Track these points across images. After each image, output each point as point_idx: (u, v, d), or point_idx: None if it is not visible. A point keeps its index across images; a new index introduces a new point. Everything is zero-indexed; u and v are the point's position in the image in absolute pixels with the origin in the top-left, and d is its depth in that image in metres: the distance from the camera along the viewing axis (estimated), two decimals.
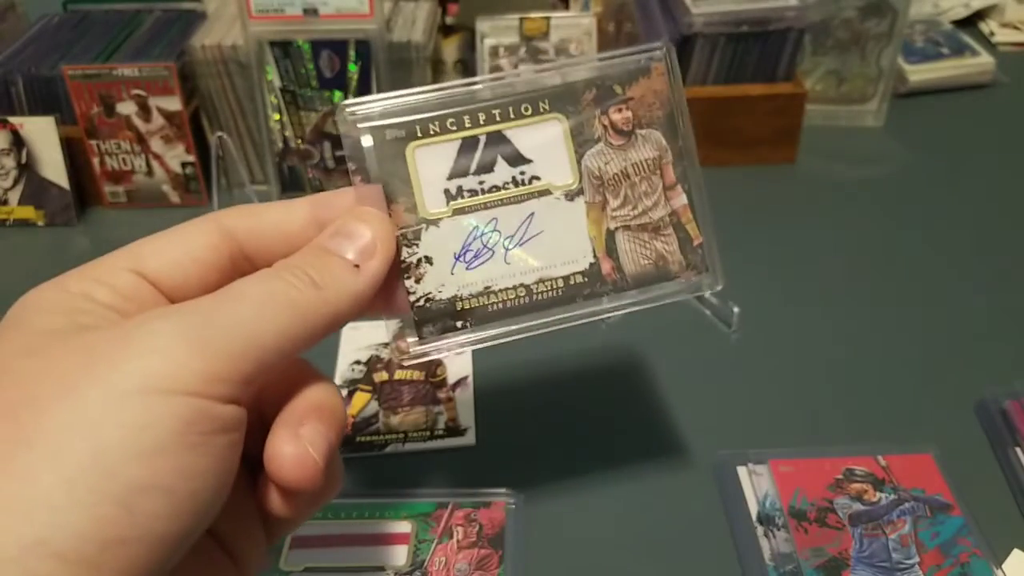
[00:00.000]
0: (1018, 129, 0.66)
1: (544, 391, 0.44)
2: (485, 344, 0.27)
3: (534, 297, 0.28)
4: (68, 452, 0.18)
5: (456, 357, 0.45)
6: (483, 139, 0.27)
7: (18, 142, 0.57)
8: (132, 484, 0.18)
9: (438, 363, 0.45)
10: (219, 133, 0.59)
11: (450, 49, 0.69)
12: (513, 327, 0.28)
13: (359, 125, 0.26)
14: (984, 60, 0.70)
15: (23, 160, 0.57)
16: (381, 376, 0.44)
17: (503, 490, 0.37)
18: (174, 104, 0.57)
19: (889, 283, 0.50)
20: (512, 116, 0.27)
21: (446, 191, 0.27)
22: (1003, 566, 0.34)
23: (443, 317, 0.27)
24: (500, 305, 0.28)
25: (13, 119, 0.56)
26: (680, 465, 0.39)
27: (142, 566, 0.19)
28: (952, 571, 0.34)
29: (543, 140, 0.27)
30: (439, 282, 0.27)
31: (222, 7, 0.62)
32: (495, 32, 0.64)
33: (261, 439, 0.23)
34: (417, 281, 0.27)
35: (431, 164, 0.27)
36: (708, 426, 0.41)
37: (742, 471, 0.38)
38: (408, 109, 0.27)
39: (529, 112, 0.27)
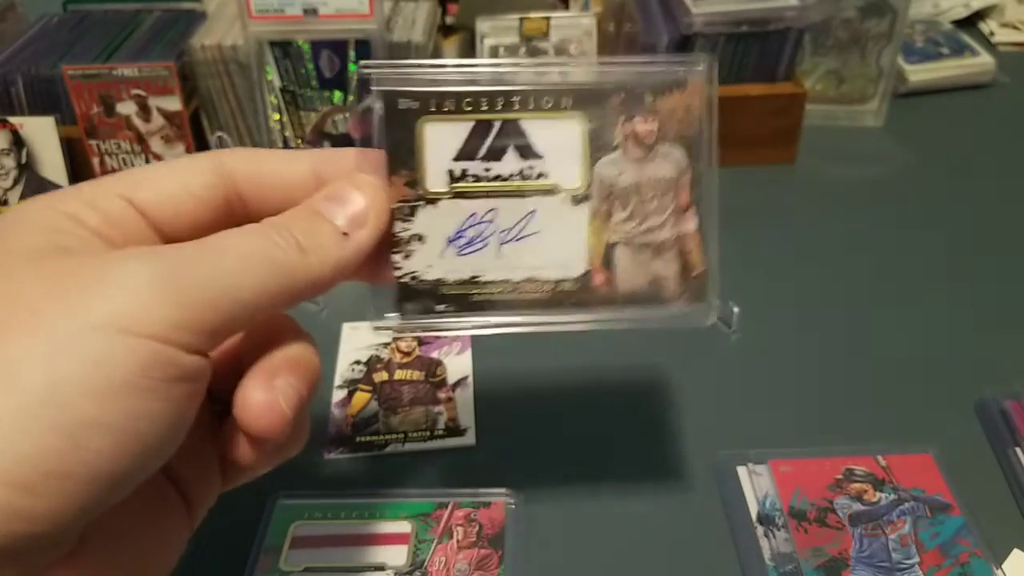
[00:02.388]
0: (1018, 129, 0.66)
1: (544, 391, 0.44)
2: (461, 332, 0.27)
3: (520, 295, 0.27)
4: (24, 379, 0.18)
5: (456, 357, 0.45)
6: (497, 125, 0.26)
7: (18, 142, 0.57)
8: (82, 419, 0.18)
9: (438, 363, 0.45)
10: (219, 133, 0.59)
11: (450, 49, 0.69)
12: (492, 320, 0.27)
13: (373, 88, 0.26)
14: (984, 60, 0.70)
15: (23, 160, 0.57)
16: (381, 376, 0.44)
17: (503, 490, 0.37)
18: (174, 104, 0.57)
19: (889, 283, 0.50)
20: (532, 107, 0.26)
21: (450, 172, 0.26)
22: (1003, 566, 0.34)
23: (425, 298, 0.27)
24: (484, 296, 0.27)
25: (13, 119, 0.56)
26: (680, 465, 0.39)
27: (81, 499, 0.19)
28: (952, 571, 0.34)
29: (559, 138, 0.26)
30: (427, 262, 0.27)
31: (222, 7, 0.62)
32: (495, 32, 0.64)
33: (234, 386, 0.23)
34: (406, 257, 0.27)
35: (440, 141, 0.26)
36: (708, 426, 0.41)
37: (742, 471, 0.38)
38: (426, 81, 0.26)
39: (550, 106, 0.26)
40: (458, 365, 0.45)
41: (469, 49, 0.68)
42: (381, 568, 0.35)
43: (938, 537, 0.35)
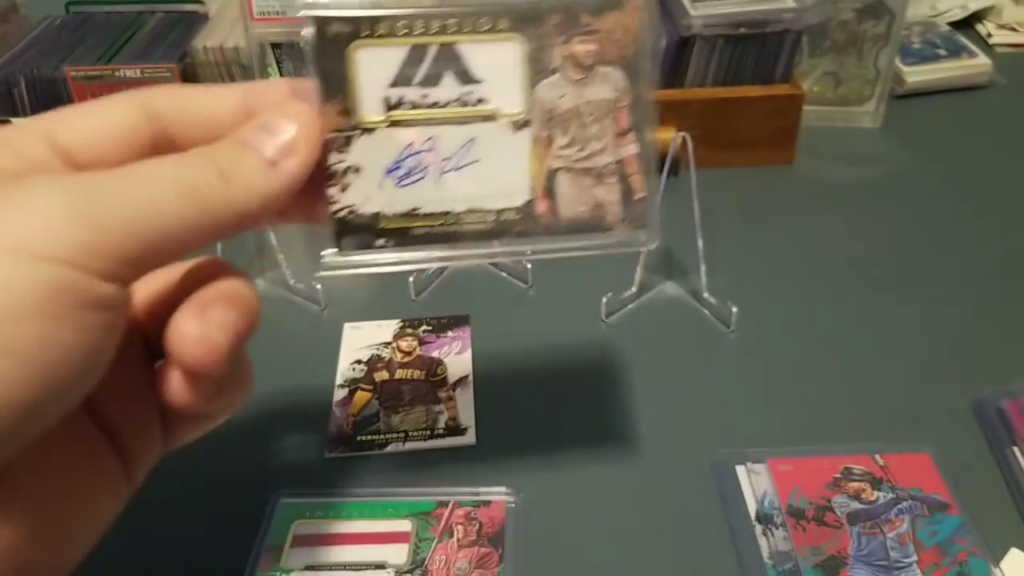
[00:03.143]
0: (1015, 130, 0.66)
1: (544, 390, 0.44)
2: (403, 267, 0.26)
3: (462, 227, 0.26)
4: None
5: (456, 357, 0.45)
6: (433, 49, 0.25)
7: None
8: None
9: (439, 362, 0.45)
10: None
11: None
12: (435, 254, 0.26)
13: (302, 12, 0.25)
14: (981, 61, 0.71)
15: None
16: (382, 375, 0.44)
17: (503, 489, 0.38)
18: None
19: (886, 283, 0.51)
20: (468, 30, 0.25)
21: (386, 99, 0.25)
22: (1001, 564, 0.35)
23: (364, 232, 0.26)
24: (425, 229, 0.26)
25: (15, 120, 0.57)
26: (679, 464, 0.40)
27: None
28: (950, 570, 0.34)
29: (497, 61, 0.25)
30: (365, 195, 0.26)
31: (224, 9, 0.63)
32: None
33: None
34: (342, 190, 0.26)
35: (374, 67, 0.25)
36: (707, 425, 0.41)
37: (741, 470, 0.38)
38: (357, 4, 0.25)
39: (487, 28, 0.25)
40: (459, 364, 0.45)
41: None
42: (382, 566, 0.35)
43: (936, 536, 0.35)
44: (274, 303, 0.49)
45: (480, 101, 0.26)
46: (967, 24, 0.79)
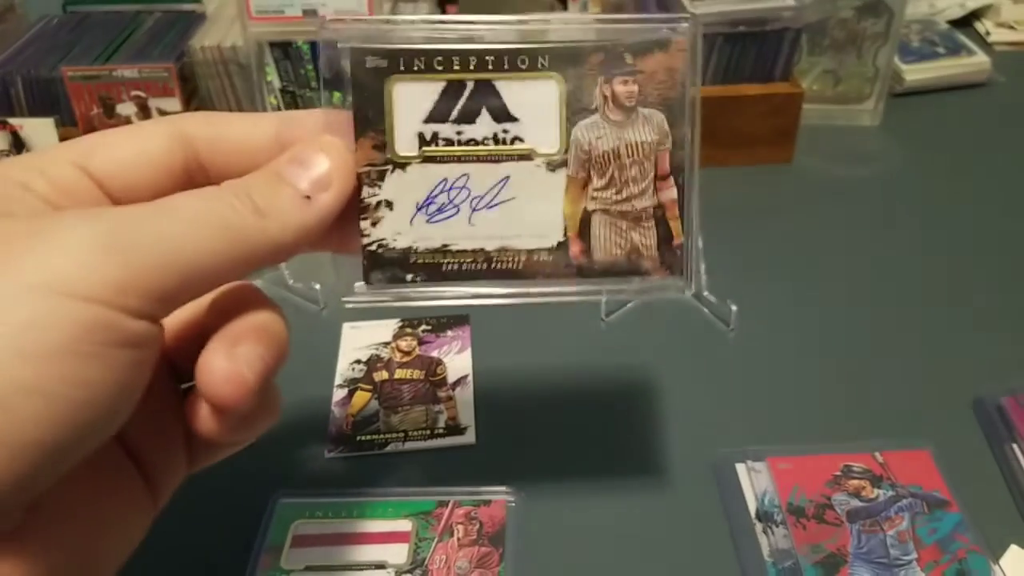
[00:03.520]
0: (1014, 128, 0.66)
1: (544, 390, 0.44)
2: (431, 302, 0.26)
3: (493, 265, 0.26)
4: None
5: (456, 356, 0.45)
6: (470, 86, 0.25)
7: (18, 143, 0.57)
8: (13, 384, 0.17)
9: (438, 362, 0.45)
10: None
11: None
12: (464, 291, 0.26)
13: (340, 45, 0.24)
14: (980, 59, 0.71)
15: None
16: (381, 375, 0.44)
17: (503, 488, 0.38)
18: (174, 105, 0.57)
19: (886, 281, 0.51)
20: (506, 67, 0.25)
21: (420, 135, 0.25)
22: (1000, 562, 0.35)
23: (394, 267, 0.26)
24: (455, 266, 0.26)
25: (13, 120, 0.57)
26: (679, 463, 0.40)
27: (16, 469, 0.17)
28: (950, 567, 0.34)
29: (535, 99, 0.25)
30: (396, 230, 0.25)
31: (222, 8, 0.63)
32: None
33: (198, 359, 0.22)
34: (373, 224, 0.25)
35: (410, 102, 0.25)
36: (707, 424, 0.41)
37: (741, 468, 0.38)
38: (396, 38, 0.25)
39: (526, 66, 0.25)
40: (458, 364, 0.45)
41: None
42: (382, 566, 0.35)
43: (936, 533, 0.35)
44: None
45: (516, 139, 0.25)
46: (966, 22, 0.79)
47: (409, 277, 0.26)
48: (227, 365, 0.21)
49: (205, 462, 0.26)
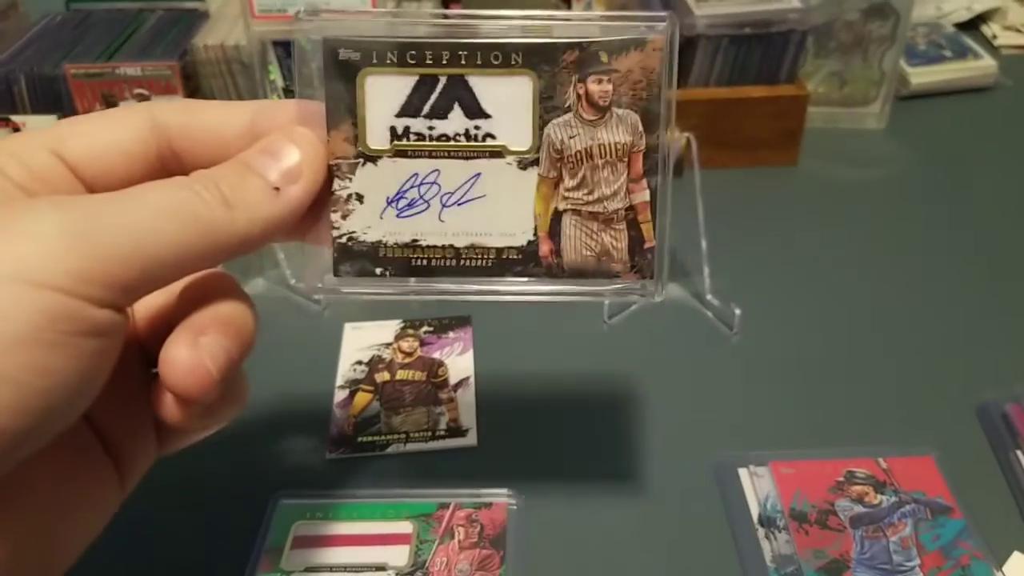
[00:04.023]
0: (1020, 132, 0.66)
1: (545, 392, 0.44)
2: (398, 296, 0.26)
3: (461, 262, 0.26)
4: None
5: (458, 358, 0.45)
6: (443, 81, 0.25)
7: None
8: None
9: (440, 364, 0.45)
10: None
11: None
12: (432, 286, 0.26)
13: (312, 36, 0.24)
14: (987, 63, 0.70)
15: None
16: (383, 376, 0.44)
17: (504, 491, 0.37)
18: None
19: (891, 285, 0.50)
20: (479, 62, 0.24)
21: (392, 128, 0.25)
22: (1003, 568, 0.35)
23: (362, 259, 0.26)
24: (424, 261, 0.26)
25: (15, 118, 0.57)
26: (681, 466, 0.39)
27: None
28: (953, 573, 0.34)
29: (507, 96, 0.25)
30: (366, 223, 0.26)
31: (225, 6, 0.63)
32: None
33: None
34: (343, 217, 0.25)
35: (382, 96, 0.25)
36: (709, 427, 0.41)
37: (743, 473, 0.38)
38: (367, 30, 0.25)
39: (499, 62, 0.24)
40: (460, 366, 0.45)
41: None
42: (383, 568, 0.35)
43: (939, 539, 0.35)
44: (274, 303, 0.49)
45: (488, 136, 0.25)
46: (972, 25, 0.78)
47: (378, 271, 0.26)
48: (189, 356, 0.21)
49: (175, 446, 0.26)
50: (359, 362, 0.45)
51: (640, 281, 0.26)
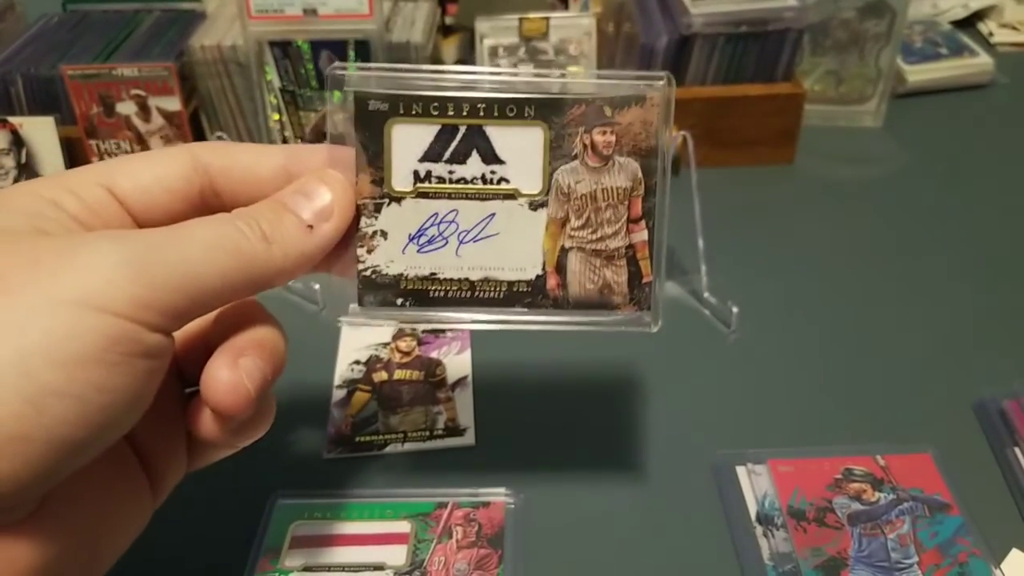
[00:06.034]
0: (1017, 129, 0.66)
1: (543, 391, 0.44)
2: (417, 325, 0.28)
3: (476, 293, 0.28)
4: None
5: (455, 357, 0.45)
6: (462, 130, 0.27)
7: (18, 142, 0.57)
8: (47, 388, 0.19)
9: (437, 363, 0.45)
10: (219, 133, 0.59)
11: (449, 49, 0.70)
12: (448, 315, 0.28)
13: (345, 88, 0.27)
14: (983, 60, 0.71)
15: (23, 160, 0.57)
16: (380, 376, 0.44)
17: (502, 490, 0.37)
18: (174, 104, 0.57)
19: (888, 283, 0.51)
20: (496, 114, 0.27)
21: (415, 172, 0.27)
22: (1001, 566, 0.35)
23: (385, 291, 0.28)
24: (441, 293, 0.28)
25: (12, 119, 0.56)
26: (679, 465, 0.39)
27: (40, 464, 0.19)
28: (951, 571, 0.34)
29: (521, 145, 0.28)
30: (389, 257, 0.28)
31: (221, 7, 0.62)
32: (494, 32, 0.64)
33: (203, 366, 0.24)
34: (369, 252, 0.28)
35: (406, 142, 0.27)
36: (707, 426, 0.41)
37: (741, 471, 0.38)
38: (396, 84, 0.27)
39: (513, 114, 0.27)
40: (458, 365, 0.45)
41: (469, 49, 0.68)
42: (380, 568, 0.35)
43: (937, 537, 0.35)
44: (272, 303, 0.48)
45: (502, 180, 0.28)
46: (968, 23, 0.79)
47: (399, 301, 0.28)
48: (230, 376, 0.24)
49: (203, 462, 0.28)
50: (357, 362, 0.45)
51: (637, 312, 0.29)
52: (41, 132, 0.57)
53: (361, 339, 0.46)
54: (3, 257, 0.20)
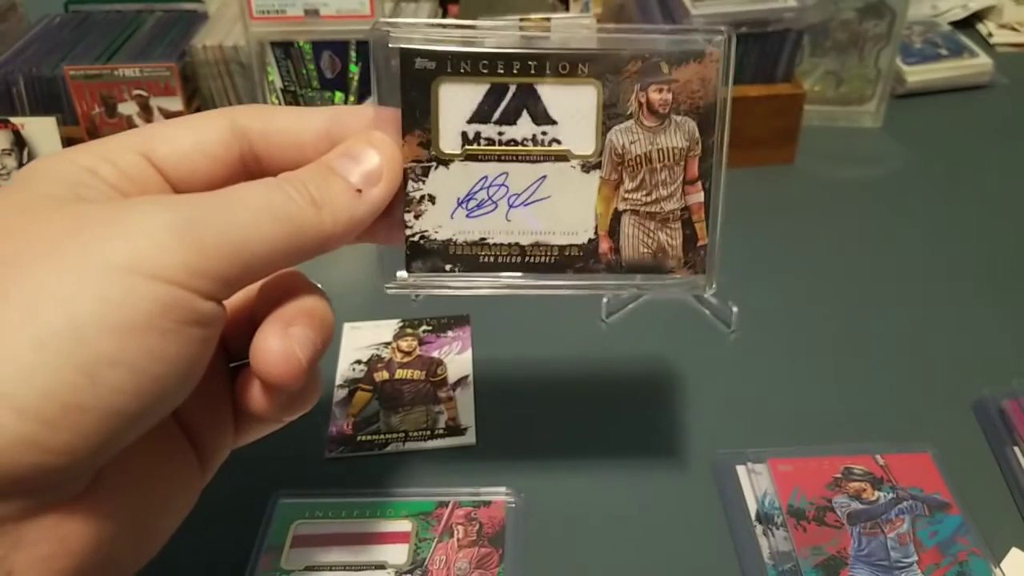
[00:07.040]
0: (1016, 130, 0.66)
1: (544, 390, 0.44)
2: (468, 291, 0.27)
3: (526, 259, 0.27)
4: (43, 313, 0.18)
5: (456, 357, 0.45)
6: (512, 89, 0.26)
7: (19, 142, 0.57)
8: (100, 356, 0.19)
9: (439, 363, 0.45)
10: None
11: None
12: (499, 281, 0.28)
13: (391, 45, 0.26)
14: (982, 61, 0.71)
15: (24, 160, 0.57)
16: (382, 375, 0.44)
17: (503, 489, 0.38)
18: (175, 105, 0.57)
19: (887, 283, 0.51)
20: (548, 72, 0.26)
21: (463, 134, 0.26)
22: (1001, 565, 0.35)
23: (434, 257, 0.27)
24: (491, 258, 0.27)
25: (14, 119, 0.57)
26: (679, 464, 0.40)
27: (96, 434, 0.19)
28: (950, 570, 0.34)
29: (573, 104, 0.26)
30: (437, 223, 0.27)
31: (223, 8, 0.63)
32: None
33: (249, 339, 0.23)
34: (416, 217, 0.27)
35: (455, 103, 0.26)
36: (707, 425, 0.41)
37: (741, 470, 0.38)
38: (444, 40, 0.26)
39: (566, 71, 0.26)
40: (459, 364, 0.45)
41: None
42: (382, 567, 0.35)
43: (936, 536, 0.35)
44: None
45: (554, 141, 0.27)
46: (968, 24, 0.79)
47: (448, 267, 0.27)
48: (281, 345, 0.23)
49: (249, 438, 0.27)
50: (358, 361, 0.45)
51: (692, 276, 0.28)
52: (43, 132, 0.57)
53: (363, 338, 0.46)
54: (50, 224, 0.20)
